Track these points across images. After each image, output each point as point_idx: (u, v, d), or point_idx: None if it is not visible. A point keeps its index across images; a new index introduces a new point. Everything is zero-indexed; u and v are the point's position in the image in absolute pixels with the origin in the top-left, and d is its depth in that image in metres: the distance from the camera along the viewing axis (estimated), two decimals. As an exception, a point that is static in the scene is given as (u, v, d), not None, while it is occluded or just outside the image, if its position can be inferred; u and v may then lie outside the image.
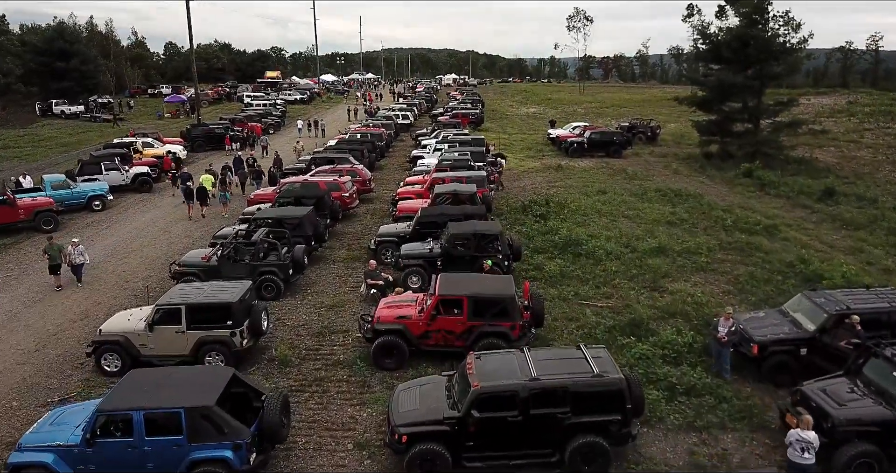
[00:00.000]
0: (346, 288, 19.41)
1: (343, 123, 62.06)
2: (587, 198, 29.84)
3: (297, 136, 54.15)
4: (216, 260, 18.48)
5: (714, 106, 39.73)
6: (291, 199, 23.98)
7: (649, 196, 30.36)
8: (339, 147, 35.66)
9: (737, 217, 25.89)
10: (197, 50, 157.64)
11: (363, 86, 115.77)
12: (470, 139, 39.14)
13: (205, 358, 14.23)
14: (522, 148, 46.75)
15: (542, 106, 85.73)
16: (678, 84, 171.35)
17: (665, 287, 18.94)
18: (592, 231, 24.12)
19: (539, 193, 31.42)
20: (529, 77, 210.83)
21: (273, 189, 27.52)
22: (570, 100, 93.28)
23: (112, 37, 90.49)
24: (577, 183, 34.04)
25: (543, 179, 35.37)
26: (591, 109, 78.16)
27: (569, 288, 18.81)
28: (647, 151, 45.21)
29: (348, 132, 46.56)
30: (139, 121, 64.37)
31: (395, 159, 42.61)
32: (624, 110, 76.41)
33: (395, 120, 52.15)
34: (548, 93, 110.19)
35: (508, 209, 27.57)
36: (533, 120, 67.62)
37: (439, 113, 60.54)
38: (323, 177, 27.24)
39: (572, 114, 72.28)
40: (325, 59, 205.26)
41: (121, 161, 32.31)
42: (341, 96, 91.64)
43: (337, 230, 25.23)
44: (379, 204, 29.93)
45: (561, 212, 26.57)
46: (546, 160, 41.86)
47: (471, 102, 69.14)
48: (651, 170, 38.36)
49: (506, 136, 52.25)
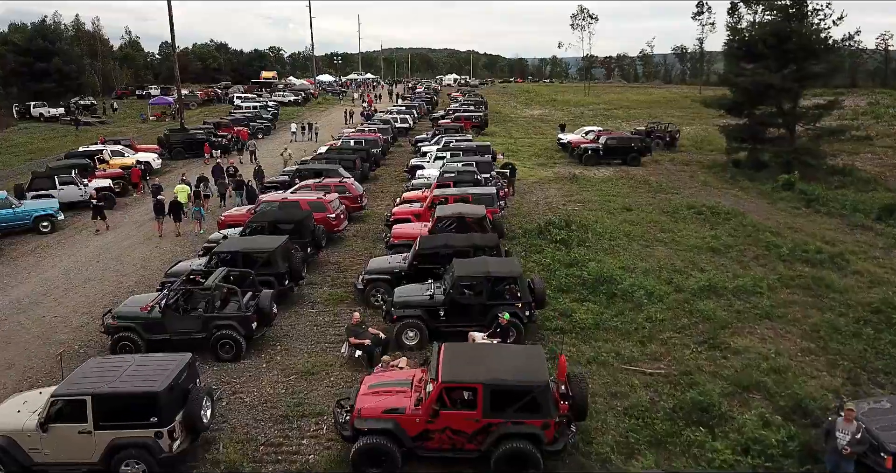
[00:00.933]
0: (325, 344, 15.35)
1: (338, 126, 58.00)
2: (612, 218, 25.80)
3: (290, 141, 50.27)
4: (159, 311, 14.46)
5: (745, 109, 35.61)
6: (266, 224, 19.91)
7: (682, 214, 26.30)
8: (329, 156, 31.61)
9: (792, 243, 21.81)
10: (193, 50, 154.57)
11: (361, 87, 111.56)
12: (475, 146, 35.09)
13: (120, 467, 10.22)
14: (531, 154, 42.68)
15: (548, 107, 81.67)
16: (681, 84, 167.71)
17: (727, 343, 14.88)
18: (625, 261, 20.08)
19: (555, 209, 27.41)
20: (531, 77, 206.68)
21: (248, 208, 23.49)
22: (576, 101, 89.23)
23: (100, 35, 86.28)
24: (597, 196, 29.99)
25: (558, 192, 31.32)
26: (599, 111, 74.10)
27: (607, 345, 14.76)
28: (667, 158, 41.17)
29: (341, 137, 42.56)
30: (122, 124, 60.32)
31: (393, 168, 38.54)
32: (634, 112, 72.37)
33: (392, 123, 48.12)
34: (551, 94, 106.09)
35: (522, 231, 23.48)
36: (539, 123, 63.53)
37: (440, 116, 56.46)
38: (305, 196, 23.19)
39: (580, 117, 68.23)
40: (325, 59, 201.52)
41: (79, 173, 28.25)
42: (337, 98, 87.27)
43: (320, 259, 21.20)
44: (371, 223, 25.87)
45: (585, 235, 22.50)
46: (559, 168, 37.81)
47: (473, 104, 65.09)
48: (676, 180, 34.30)
49: (512, 141, 48.17)
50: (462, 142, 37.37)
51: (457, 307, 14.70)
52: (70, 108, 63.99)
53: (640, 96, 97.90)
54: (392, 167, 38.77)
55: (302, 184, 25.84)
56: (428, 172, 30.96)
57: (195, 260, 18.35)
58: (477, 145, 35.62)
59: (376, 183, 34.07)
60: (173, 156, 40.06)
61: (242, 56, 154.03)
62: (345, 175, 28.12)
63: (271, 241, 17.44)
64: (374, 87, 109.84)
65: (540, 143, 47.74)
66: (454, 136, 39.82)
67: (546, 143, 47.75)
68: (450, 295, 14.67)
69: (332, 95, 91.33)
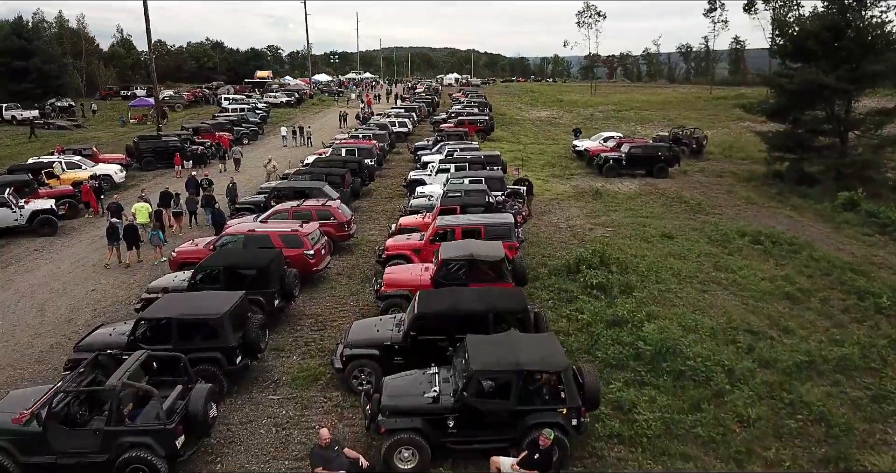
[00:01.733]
0: (287, 459, 10.75)
1: (332, 130, 53.37)
2: (651, 248, 21.17)
3: (281, 146, 45.71)
4: (39, 423, 9.87)
5: (792, 114, 30.90)
6: (221, 269, 15.28)
7: (735, 243, 21.65)
8: (315, 170, 26.91)
9: (890, 289, 17.18)
10: (188, 49, 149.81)
11: (359, 86, 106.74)
12: (482, 156, 30.44)
13: None
14: (544, 164, 38.02)
15: (554, 108, 77.01)
16: (686, 83, 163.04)
17: (861, 463, 10.31)
18: (683, 317, 15.46)
19: (581, 236, 22.83)
20: (533, 76, 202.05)
21: (208, 242, 18.85)
22: (583, 101, 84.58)
23: (84, 34, 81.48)
24: (627, 218, 25.38)
25: (580, 211, 26.70)
26: (609, 113, 69.44)
27: (688, 466, 10.19)
28: (696, 168, 36.53)
29: (332, 144, 37.93)
30: (99, 128, 55.67)
31: (389, 180, 33.88)
32: (646, 114, 67.72)
33: (390, 128, 43.48)
34: (556, 94, 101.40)
35: (547, 270, 18.85)
36: (548, 126, 58.87)
37: (442, 119, 51.78)
38: (278, 227, 18.54)
39: (590, 119, 63.61)
40: (323, 58, 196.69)
41: (15, 193, 23.65)
42: (334, 98, 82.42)
43: (292, 311, 16.60)
44: (361, 254, 21.23)
45: (626, 277, 17.89)
46: (577, 181, 33.16)
47: (477, 105, 60.42)
48: (713, 196, 29.68)
49: (521, 148, 43.51)
50: (467, 151, 32.74)
51: (472, 414, 10.11)
52: (45, 111, 59.30)
53: (649, 96, 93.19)
54: (389, 179, 34.12)
55: (278, 208, 21.19)
56: (429, 189, 26.33)
57: (119, 325, 13.70)
58: (485, 155, 30.99)
59: (370, 199, 29.44)
60: (144, 166, 35.44)
61: (239, 55, 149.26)
62: (331, 195, 23.46)
63: (220, 303, 12.80)
64: (372, 87, 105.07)
65: (552, 151, 43.08)
66: (458, 144, 35.18)
67: (559, 151, 43.10)
68: (462, 398, 10.07)
69: (329, 96, 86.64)
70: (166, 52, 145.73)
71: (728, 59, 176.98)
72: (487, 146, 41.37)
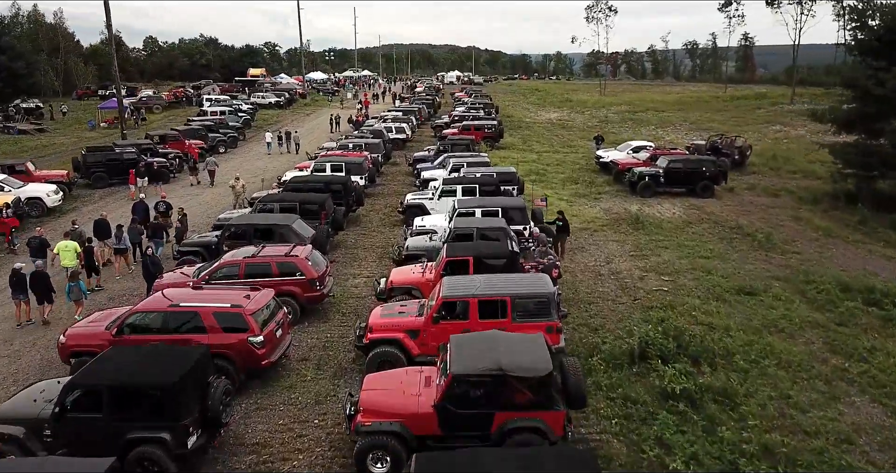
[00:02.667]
0: None
1: (323, 135, 47.61)
2: (732, 313, 15.44)
3: (264, 154, 40.02)
4: None
5: (874, 124, 25.02)
6: (104, 389, 9.47)
7: (843, 305, 15.86)
8: (288, 196, 21.03)
9: None
10: (180, 45, 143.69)
11: (356, 85, 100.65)
12: (494, 175, 24.72)
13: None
14: (565, 179, 32.21)
15: (564, 109, 71.09)
16: (692, 81, 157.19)
17: None
18: (821, 454, 9.81)
19: (630, 287, 17.18)
20: (536, 74, 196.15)
21: (114, 320, 13.04)
22: (593, 101, 78.56)
23: (62, 29, 75.43)
24: (684, 259, 19.64)
25: (622, 248, 20.95)
26: (625, 114, 63.57)
27: None
28: (743, 185, 30.73)
29: (317, 156, 32.19)
30: (65, 132, 49.78)
31: (383, 200, 28.08)
32: (665, 115, 61.85)
33: (385, 135, 37.68)
34: (563, 93, 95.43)
35: (600, 359, 13.03)
36: (561, 129, 53.01)
37: (444, 123, 45.95)
38: (216, 297, 12.74)
39: (605, 122, 57.79)
40: (321, 55, 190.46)
41: None
42: (328, 98, 76.21)
43: (222, 437, 10.84)
44: (338, 321, 15.47)
45: (717, 375, 12.15)
46: (608, 202, 27.39)
47: (482, 107, 54.54)
48: (778, 224, 23.93)
49: (535, 158, 37.69)
50: (476, 166, 27.02)
51: None
52: (9, 112, 53.41)
53: (661, 95, 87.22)
54: (382, 199, 28.32)
55: (226, 260, 15.41)
56: (431, 221, 20.60)
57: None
58: (498, 173, 25.24)
59: (357, 228, 23.65)
60: (93, 183, 29.69)
61: (233, 52, 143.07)
62: (303, 234, 17.70)
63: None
64: (370, 85, 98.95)
65: (571, 161, 37.25)
66: (464, 156, 29.41)
67: (578, 160, 37.28)
68: None
69: (324, 95, 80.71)
70: (158, 49, 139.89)
71: (735, 57, 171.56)
72: (497, 156, 35.63)
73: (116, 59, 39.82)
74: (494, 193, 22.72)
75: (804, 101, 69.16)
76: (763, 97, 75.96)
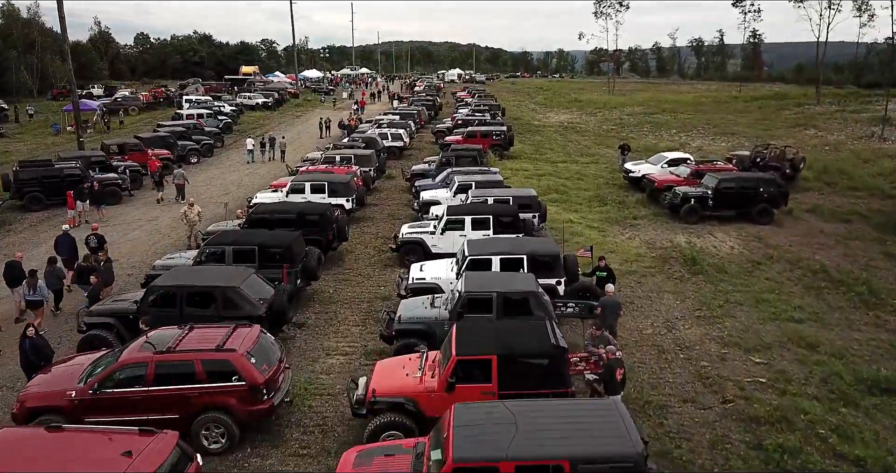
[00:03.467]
0: None
1: (312, 140, 42.50)
2: (881, 432, 10.36)
3: (244, 162, 35.00)
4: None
5: None
6: None
7: None
8: (243, 240, 15.69)
9: None
10: (172, 42, 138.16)
11: (352, 84, 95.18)
12: (511, 200, 19.64)
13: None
14: (590, 197, 27.03)
15: (574, 110, 65.79)
16: (697, 79, 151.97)
17: None
18: None
19: (713, 379, 12.13)
20: (539, 72, 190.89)
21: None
22: (603, 101, 73.14)
23: (38, 25, 69.92)
24: (770, 325, 14.53)
25: (682, 305, 15.82)
26: (641, 116, 58.33)
27: None
28: (805, 206, 25.60)
29: (298, 170, 27.15)
30: (28, 137, 44.53)
31: (374, 227, 22.91)
32: (683, 117, 56.64)
33: (379, 143, 32.51)
34: (570, 92, 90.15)
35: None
36: (574, 134, 47.78)
37: (447, 128, 40.74)
38: (79, 450, 7.61)
39: (621, 125, 52.59)
40: (319, 52, 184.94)
41: None
42: (321, 98, 70.63)
43: None
44: (298, 447, 10.40)
45: None
46: (646, 230, 22.25)
47: (488, 108, 49.31)
48: (868, 264, 18.82)
49: (553, 169, 32.50)
50: (487, 185, 21.90)
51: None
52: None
53: (673, 95, 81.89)
54: (372, 225, 23.15)
55: (126, 358, 10.22)
56: (433, 271, 15.43)
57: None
58: (514, 197, 20.13)
59: (338, 270, 18.47)
60: (27, 204, 24.54)
61: (228, 49, 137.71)
62: (255, 297, 12.57)
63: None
64: (367, 84, 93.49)
65: (592, 173, 32.06)
66: (472, 172, 24.29)
67: (601, 173, 32.10)
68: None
69: (318, 95, 75.42)
70: (149, 46, 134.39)
71: (742, 55, 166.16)
72: (508, 168, 30.55)
73: (105, 57, 34.41)
74: (513, 226, 17.66)
75: (829, 102, 64.09)
76: (784, 97, 70.75)
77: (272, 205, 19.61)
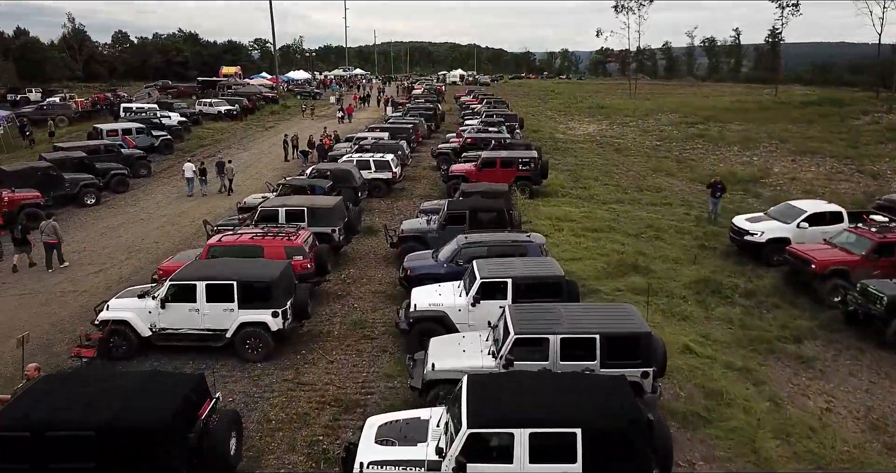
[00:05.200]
0: None
1: (273, 164, 31.79)
2: None
3: (184, 195, 24.56)
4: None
5: None
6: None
7: None
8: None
9: None
10: (154, 41, 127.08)
11: (342, 86, 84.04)
12: (594, 342, 8.83)
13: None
14: (689, 282, 15.99)
15: (601, 118, 54.72)
16: (707, 80, 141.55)
17: None
18: None
19: None
20: (546, 73, 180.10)
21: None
22: (629, 107, 62.14)
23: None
24: None
25: None
26: (683, 128, 47.43)
27: None
28: None
29: (224, 232, 16.34)
30: None
31: (317, 384, 12.14)
32: (738, 129, 45.71)
33: (356, 177, 21.69)
34: (586, 95, 79.25)
35: None
36: (614, 152, 36.85)
37: (452, 150, 29.73)
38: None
39: (667, 140, 41.75)
40: (319, 53, 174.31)
41: None
42: (300, 106, 58.12)
43: None
44: None
45: None
46: (838, 381, 11.44)
47: (503, 119, 38.39)
48: None
49: (606, 215, 21.52)
50: (531, 279, 11.14)
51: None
52: None
53: (700, 99, 70.92)
54: (318, 372, 12.35)
55: None
56: None
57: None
58: (605, 336, 9.29)
59: None
60: None
61: (214, 48, 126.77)
62: None
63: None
64: (360, 87, 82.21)
65: (669, 225, 20.98)
66: (500, 244, 13.58)
67: (683, 223, 21.15)
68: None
69: (303, 99, 64.47)
70: (129, 45, 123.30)
71: (756, 54, 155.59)
72: (545, 220, 19.76)
73: (80, 56, 23.48)
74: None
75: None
76: (840, 102, 59.91)
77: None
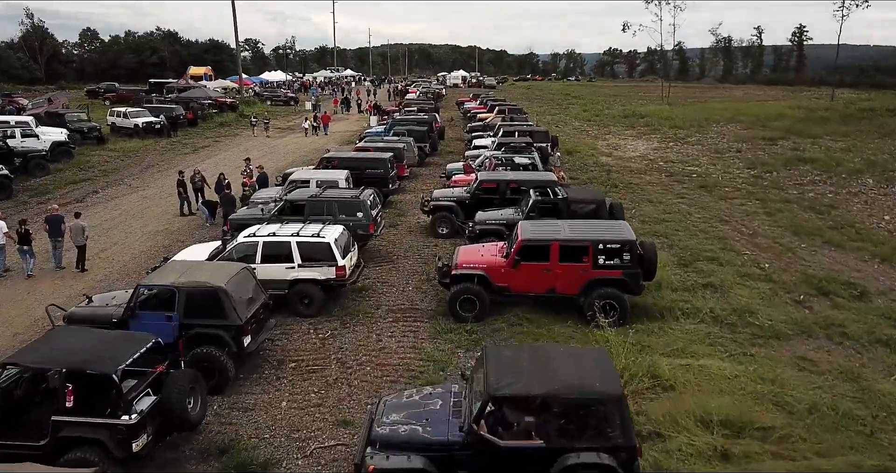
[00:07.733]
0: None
1: (160, 219, 18.98)
2: None
3: None
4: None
5: None
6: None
7: None
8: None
9: None
10: (127, 41, 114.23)
11: (323, 90, 70.95)
12: None
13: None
14: None
15: (646, 131, 41.74)
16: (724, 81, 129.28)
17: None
18: None
19: None
20: (554, 75, 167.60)
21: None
22: (674, 115, 48.98)
23: None
24: None
25: None
26: (766, 145, 34.58)
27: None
28: None
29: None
30: None
31: None
32: (820, 145, 32.85)
33: (260, 295, 9.06)
34: (611, 100, 66.33)
35: None
36: (703, 193, 23.82)
37: (456, 202, 16.87)
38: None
39: (759, 162, 28.82)
40: (315, 54, 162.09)
41: None
42: (251, 119, 40.69)
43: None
44: None
45: None
46: None
47: (528, 140, 25.35)
48: None
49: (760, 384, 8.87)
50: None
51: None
52: None
53: (743, 105, 57.80)
54: None
55: None
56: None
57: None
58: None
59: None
60: None
61: (194, 47, 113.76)
62: None
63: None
64: (345, 90, 68.68)
65: None
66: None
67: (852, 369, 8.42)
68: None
69: (273, 105, 51.58)
70: (99, 43, 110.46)
71: (774, 55, 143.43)
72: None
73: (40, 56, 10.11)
74: None
75: None
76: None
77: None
